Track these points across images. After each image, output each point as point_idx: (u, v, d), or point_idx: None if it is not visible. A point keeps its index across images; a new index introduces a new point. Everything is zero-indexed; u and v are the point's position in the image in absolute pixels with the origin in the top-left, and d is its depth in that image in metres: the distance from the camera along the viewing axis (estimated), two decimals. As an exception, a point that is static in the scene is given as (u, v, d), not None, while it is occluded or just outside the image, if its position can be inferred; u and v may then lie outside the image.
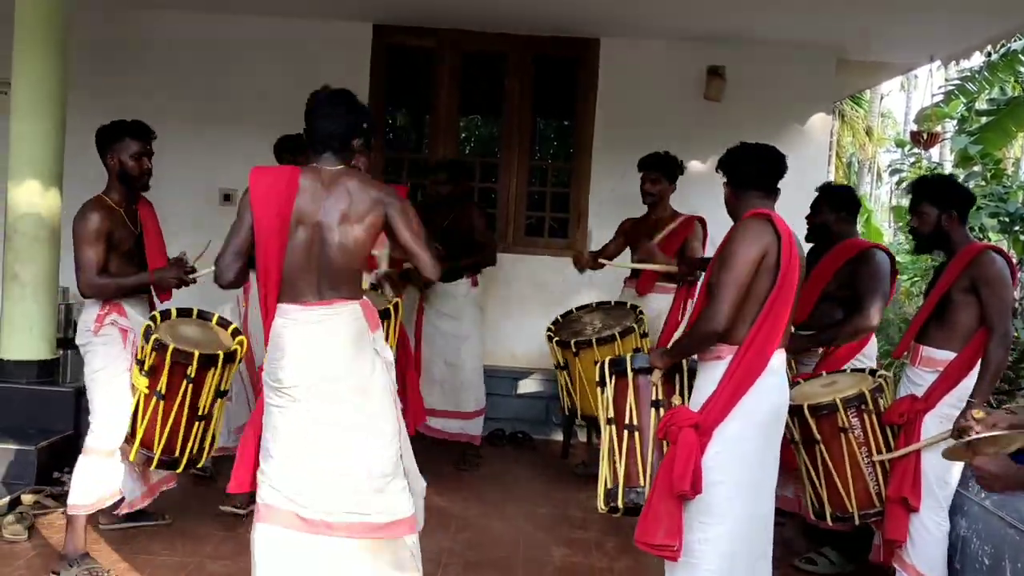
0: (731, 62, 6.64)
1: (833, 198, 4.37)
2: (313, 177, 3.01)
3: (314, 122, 3.07)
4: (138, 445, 3.68)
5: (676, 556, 2.95)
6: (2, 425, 4.84)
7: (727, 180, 3.21)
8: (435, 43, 6.88)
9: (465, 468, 5.54)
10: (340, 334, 3.02)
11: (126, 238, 3.81)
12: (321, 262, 2.99)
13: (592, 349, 4.71)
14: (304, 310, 3.00)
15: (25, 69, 4.95)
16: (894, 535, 3.56)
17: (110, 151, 3.77)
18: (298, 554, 3.00)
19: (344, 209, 2.99)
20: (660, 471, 3.00)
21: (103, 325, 3.76)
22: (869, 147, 22.59)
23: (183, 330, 3.81)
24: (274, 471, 3.01)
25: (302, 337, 3.00)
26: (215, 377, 3.74)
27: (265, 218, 2.96)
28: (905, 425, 3.59)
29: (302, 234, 2.97)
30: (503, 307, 6.81)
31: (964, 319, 3.55)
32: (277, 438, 3.02)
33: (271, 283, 2.99)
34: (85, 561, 3.71)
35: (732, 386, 2.94)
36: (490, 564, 4.08)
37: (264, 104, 6.57)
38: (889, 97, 27.20)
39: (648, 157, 5.25)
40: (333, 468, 3.01)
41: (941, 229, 3.64)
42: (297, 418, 3.00)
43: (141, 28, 6.79)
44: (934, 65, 7.11)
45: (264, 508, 3.02)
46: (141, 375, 3.63)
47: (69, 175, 5.04)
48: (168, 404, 3.65)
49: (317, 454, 3.00)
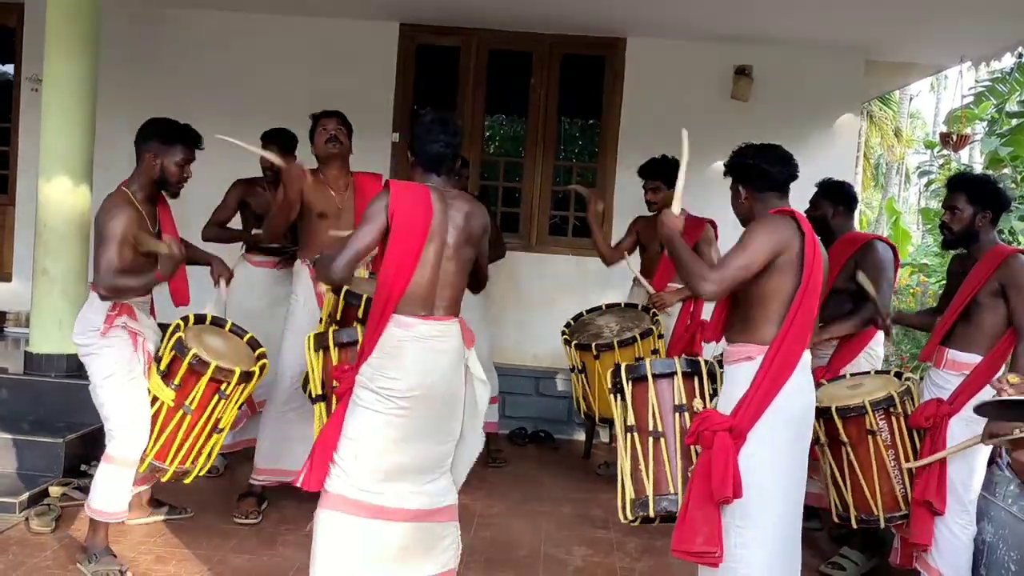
0: (758, 62, 6.61)
1: (832, 192, 4.39)
2: (439, 198, 3.14)
3: (430, 144, 3.20)
4: (151, 458, 3.64)
5: (718, 563, 2.90)
6: (31, 418, 4.92)
7: (744, 183, 3.12)
8: (461, 42, 6.90)
9: (493, 465, 5.56)
10: (450, 350, 3.19)
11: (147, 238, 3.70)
12: (445, 280, 3.15)
13: (613, 352, 4.70)
14: (426, 324, 3.11)
15: (57, 66, 5.01)
16: (920, 539, 3.53)
17: (154, 150, 3.63)
18: (362, 539, 3.10)
19: (461, 230, 3.18)
20: (695, 477, 2.94)
21: (112, 327, 3.61)
22: (897, 149, 22.39)
23: (210, 340, 3.76)
24: (357, 472, 3.09)
25: (421, 350, 3.11)
26: (244, 393, 3.76)
27: (407, 232, 3.05)
28: (931, 429, 3.55)
29: (431, 251, 3.10)
30: (526, 306, 6.81)
31: (991, 322, 3.51)
32: (370, 441, 3.09)
33: (396, 292, 3.07)
34: (105, 556, 3.69)
35: (765, 386, 2.89)
36: (511, 563, 4.09)
37: (290, 103, 6.57)
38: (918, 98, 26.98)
39: (646, 164, 5.14)
40: (412, 464, 3.17)
41: (973, 228, 3.61)
42: (397, 425, 3.10)
43: (168, 26, 6.87)
44: (964, 66, 7.02)
45: (335, 497, 3.09)
46: (168, 388, 3.58)
47: (99, 172, 5.09)
48: (194, 418, 3.63)
49: (404, 454, 3.14)
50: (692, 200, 5.22)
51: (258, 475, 4.45)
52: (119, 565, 3.68)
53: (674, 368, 3.30)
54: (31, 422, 4.86)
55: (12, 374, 5.16)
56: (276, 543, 4.09)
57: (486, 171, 7.45)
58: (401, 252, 3.05)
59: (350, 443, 3.10)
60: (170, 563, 3.82)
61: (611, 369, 3.44)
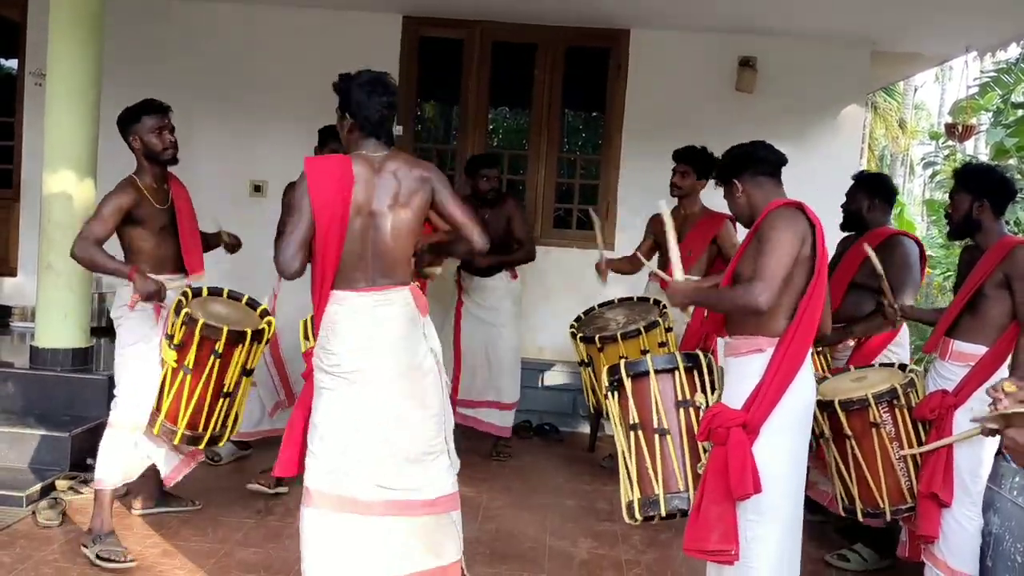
0: (763, 53, 6.59)
1: (869, 185, 4.34)
2: (364, 165, 3.04)
3: (362, 107, 3.07)
4: (163, 418, 3.75)
5: (734, 560, 2.88)
6: (37, 412, 4.93)
7: (738, 174, 3.06)
8: (465, 34, 6.89)
9: (498, 459, 5.57)
10: (394, 319, 3.08)
11: (155, 215, 3.85)
12: (375, 249, 3.04)
13: (617, 344, 4.67)
14: (360, 296, 3.04)
15: (61, 60, 5.01)
16: (926, 531, 3.52)
17: (131, 134, 3.84)
18: (348, 535, 3.04)
19: (394, 194, 3.04)
20: (709, 474, 2.92)
21: (139, 301, 3.75)
22: (902, 140, 22.34)
23: (213, 307, 3.90)
24: (325, 454, 3.06)
25: (358, 323, 3.04)
26: (242, 354, 3.82)
27: (325, 208, 2.97)
28: (936, 421, 3.54)
29: (358, 222, 3.01)
30: (530, 299, 6.79)
31: (996, 313, 3.50)
32: (329, 421, 3.06)
33: (328, 271, 3.02)
34: (109, 539, 3.74)
35: (778, 380, 2.87)
36: (517, 555, 4.10)
37: (294, 96, 6.62)
38: (923, 89, 26.93)
39: (682, 148, 5.14)
40: (382, 447, 3.07)
41: (972, 217, 3.59)
42: (350, 401, 3.05)
43: (172, 19, 6.87)
44: (970, 56, 6.99)
45: (314, 493, 3.05)
46: (170, 348, 3.70)
47: (103, 165, 5.10)
48: (195, 379, 3.73)
49: (368, 435, 3.05)
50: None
51: None
52: (122, 548, 3.72)
53: (675, 363, 3.28)
54: (37, 416, 4.87)
55: (18, 368, 5.17)
56: (282, 536, 4.10)
57: (490, 164, 7.41)
58: (325, 228, 2.97)
59: (315, 426, 3.08)
60: (177, 556, 3.83)
61: (607, 367, 3.39)
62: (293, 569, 3.73)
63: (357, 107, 3.08)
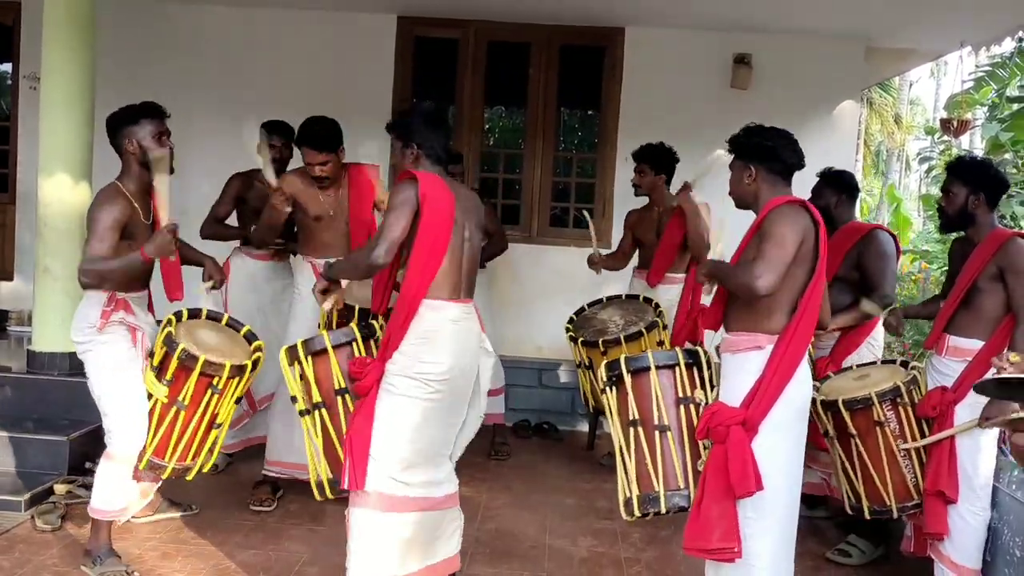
0: (758, 50, 6.60)
1: (834, 182, 4.44)
2: (454, 187, 3.29)
3: (428, 138, 3.29)
4: (150, 455, 3.57)
5: (735, 558, 2.89)
6: (35, 416, 4.92)
7: (758, 162, 3.04)
8: (459, 34, 6.88)
9: (497, 458, 5.57)
10: (475, 330, 3.34)
11: (142, 232, 3.59)
12: (466, 264, 3.29)
13: (621, 347, 4.66)
14: (455, 306, 3.23)
15: (55, 63, 5.00)
16: (935, 528, 3.51)
17: (126, 136, 3.57)
18: (397, 533, 3.16)
19: (474, 217, 3.36)
20: (709, 473, 2.92)
21: (108, 322, 3.53)
22: (898, 135, 22.37)
23: (199, 333, 3.69)
24: (390, 458, 3.13)
25: (456, 331, 3.22)
26: (239, 386, 3.69)
27: (438, 219, 3.15)
28: (938, 417, 3.54)
29: (457, 236, 3.23)
30: (528, 298, 6.81)
31: (990, 307, 3.51)
32: (404, 428, 3.15)
33: (427, 279, 3.15)
34: (109, 558, 3.64)
35: (778, 377, 2.88)
36: (517, 554, 4.09)
37: (290, 96, 6.59)
38: (918, 84, 26.98)
39: (639, 148, 5.23)
40: (445, 448, 3.35)
41: (967, 210, 3.60)
42: (430, 408, 3.18)
43: (167, 21, 6.85)
44: (964, 51, 7.00)
45: (368, 495, 3.12)
46: (160, 384, 3.53)
47: (98, 169, 5.08)
48: (188, 414, 3.59)
49: (441, 437, 3.29)
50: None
51: (271, 466, 4.49)
52: (124, 566, 3.64)
53: (676, 359, 3.28)
54: (35, 420, 4.86)
55: (15, 373, 5.16)
56: (282, 537, 4.09)
57: (486, 163, 7.43)
58: (433, 237, 3.14)
59: (381, 431, 3.14)
60: (176, 559, 3.82)
61: (605, 362, 3.40)
62: (293, 570, 3.74)
63: (423, 138, 3.29)
